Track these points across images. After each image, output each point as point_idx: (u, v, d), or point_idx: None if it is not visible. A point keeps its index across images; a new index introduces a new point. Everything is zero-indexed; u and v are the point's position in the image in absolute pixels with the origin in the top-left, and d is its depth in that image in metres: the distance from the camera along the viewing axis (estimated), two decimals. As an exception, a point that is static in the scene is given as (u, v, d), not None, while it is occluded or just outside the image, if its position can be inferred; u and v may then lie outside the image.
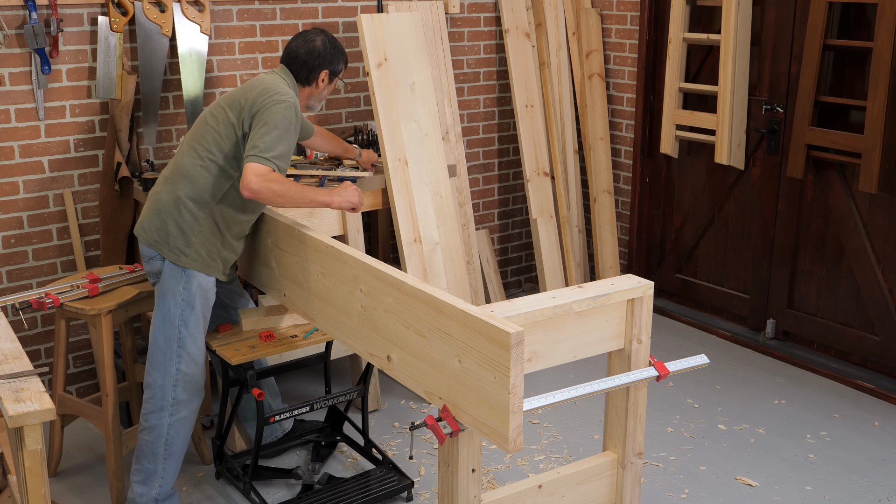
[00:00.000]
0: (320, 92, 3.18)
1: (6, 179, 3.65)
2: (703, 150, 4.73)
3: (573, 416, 3.90)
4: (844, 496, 3.31)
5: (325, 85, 3.18)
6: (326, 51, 3.14)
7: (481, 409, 2.17)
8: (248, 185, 2.79)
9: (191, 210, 2.96)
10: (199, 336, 3.03)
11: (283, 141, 2.88)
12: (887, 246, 4.01)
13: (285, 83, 3.06)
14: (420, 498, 3.30)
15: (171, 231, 2.96)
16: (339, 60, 3.19)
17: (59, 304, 3.10)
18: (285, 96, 2.93)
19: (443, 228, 4.04)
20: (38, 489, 2.14)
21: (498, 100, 5.00)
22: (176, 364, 2.99)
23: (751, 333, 4.65)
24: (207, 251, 2.99)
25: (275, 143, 2.85)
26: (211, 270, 3.02)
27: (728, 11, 4.28)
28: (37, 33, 3.52)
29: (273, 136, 2.86)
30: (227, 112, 2.97)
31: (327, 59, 3.15)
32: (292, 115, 2.93)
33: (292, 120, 2.93)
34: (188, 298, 2.97)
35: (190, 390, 3.03)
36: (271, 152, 2.83)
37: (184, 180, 2.96)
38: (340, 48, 3.19)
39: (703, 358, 2.63)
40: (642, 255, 5.13)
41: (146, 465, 3.03)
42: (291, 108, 2.93)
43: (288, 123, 2.90)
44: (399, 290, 2.39)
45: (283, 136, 2.88)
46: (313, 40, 3.13)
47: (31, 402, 2.12)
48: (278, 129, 2.87)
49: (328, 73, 3.17)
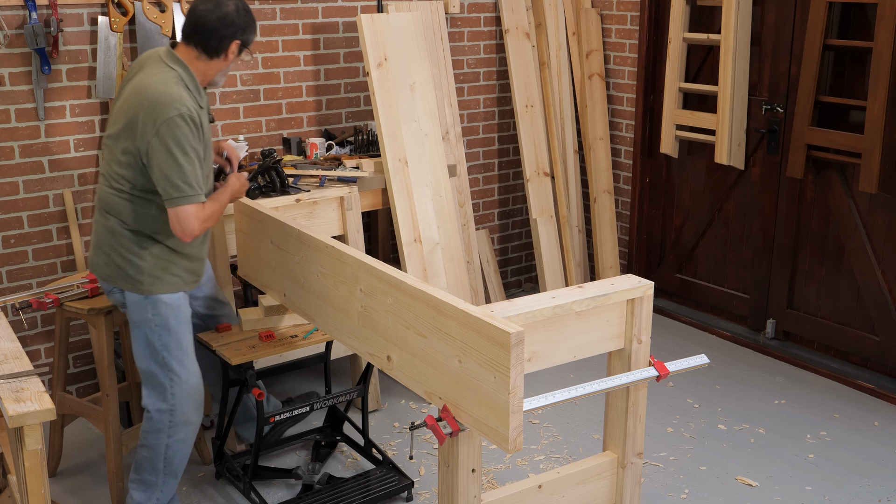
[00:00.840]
0: (228, 65, 2.86)
1: (6, 179, 3.65)
2: (703, 150, 4.73)
3: (573, 416, 3.90)
4: (844, 496, 3.31)
5: (234, 57, 2.85)
6: (240, 18, 2.80)
7: (481, 409, 2.17)
8: (185, 233, 2.69)
9: (128, 238, 2.82)
10: (185, 355, 2.91)
11: (190, 162, 2.68)
12: (887, 246, 4.01)
13: (173, 78, 2.73)
14: (420, 498, 3.30)
15: (119, 263, 2.82)
16: (251, 30, 2.86)
17: (59, 304, 3.10)
18: (172, 108, 2.64)
19: (443, 228, 4.04)
20: (38, 489, 2.14)
21: (498, 100, 5.00)
22: (169, 389, 2.89)
23: (751, 333, 4.65)
24: (163, 270, 2.85)
25: (185, 171, 2.66)
26: (173, 287, 2.88)
27: (728, 11, 4.28)
28: (37, 33, 3.51)
29: (181, 166, 2.66)
30: (122, 140, 2.73)
31: (240, 28, 2.81)
32: (187, 128, 2.67)
33: (190, 132, 2.68)
34: (161, 323, 2.85)
35: (188, 412, 2.94)
36: (188, 185, 2.66)
37: (109, 210, 2.82)
38: (252, 16, 2.87)
39: (703, 358, 2.63)
40: (642, 255, 5.13)
41: (147, 477, 2.98)
42: (185, 121, 2.66)
43: (187, 140, 2.67)
44: (399, 290, 2.39)
45: (186, 160, 2.67)
46: (225, 4, 2.78)
47: (31, 402, 2.12)
48: (180, 153, 2.65)
49: (239, 45, 2.84)
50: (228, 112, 4.11)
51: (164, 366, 2.87)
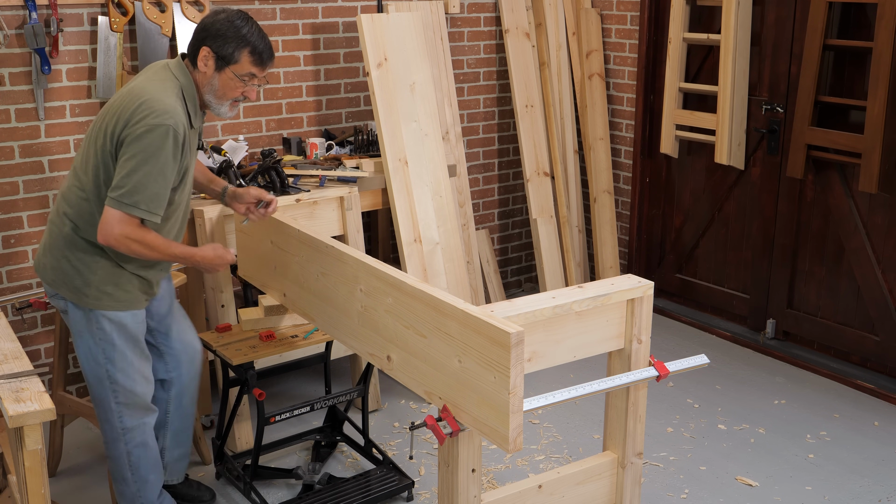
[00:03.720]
0: (209, 80, 2.59)
1: (6, 179, 3.65)
2: (703, 150, 4.73)
3: (573, 416, 3.90)
4: (844, 496, 3.31)
5: (210, 71, 2.57)
6: (219, 25, 2.55)
7: (481, 408, 2.17)
8: (102, 234, 2.48)
9: (82, 248, 2.63)
10: (129, 365, 2.73)
11: (155, 179, 2.44)
12: (887, 246, 4.01)
13: (173, 88, 2.56)
14: (420, 498, 3.30)
15: (66, 270, 2.64)
16: (232, 43, 2.53)
17: (59, 304, 3.10)
18: (161, 116, 2.45)
19: (443, 228, 4.04)
20: (38, 489, 2.14)
21: (498, 100, 5.00)
22: (113, 399, 2.75)
23: (751, 333, 4.65)
24: (114, 285, 2.65)
25: (143, 183, 2.43)
26: (121, 305, 2.68)
27: (728, 11, 4.28)
28: (37, 33, 3.51)
29: (141, 174, 2.43)
30: (104, 137, 2.54)
31: (210, 35, 2.54)
32: (169, 142, 2.45)
33: (169, 148, 2.46)
34: (105, 338, 2.68)
35: (135, 416, 2.80)
36: (136, 195, 2.44)
37: (70, 211, 2.63)
38: (244, 33, 2.55)
39: (703, 358, 2.63)
40: (642, 255, 5.13)
41: (121, 488, 2.90)
42: (168, 134, 2.45)
43: (162, 153, 2.45)
44: (399, 290, 2.39)
45: (156, 172, 2.44)
46: (219, 13, 2.60)
47: (31, 402, 2.12)
48: (148, 163, 2.43)
49: (211, 54, 2.55)
50: (228, 112, 4.11)
51: (107, 378, 2.72)
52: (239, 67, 2.59)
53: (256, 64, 2.61)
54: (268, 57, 2.64)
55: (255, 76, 2.62)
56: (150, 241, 2.55)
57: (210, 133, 4.08)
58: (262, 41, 2.61)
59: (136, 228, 2.51)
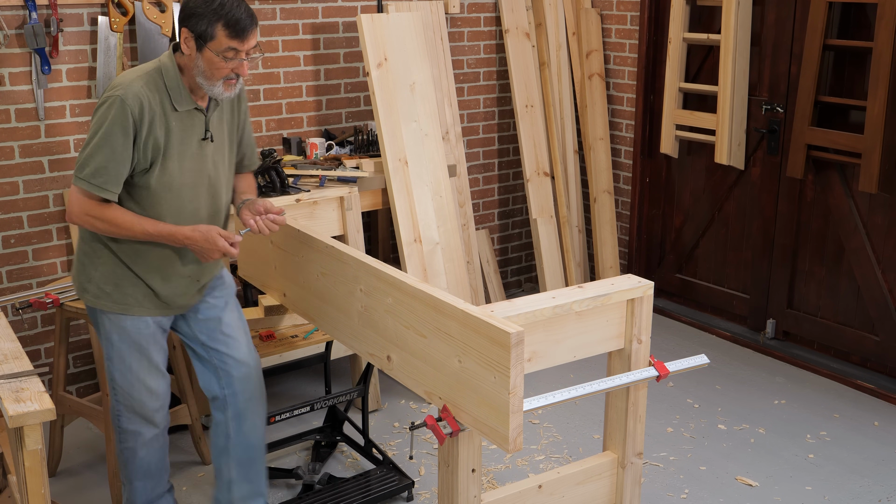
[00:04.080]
0: (194, 62, 2.45)
1: (6, 179, 3.65)
2: (703, 150, 4.73)
3: (573, 416, 3.90)
4: (844, 496, 3.31)
5: (192, 52, 2.43)
6: (193, 2, 2.41)
7: (481, 408, 2.17)
8: (67, 212, 2.47)
9: (89, 242, 2.59)
10: (128, 371, 2.65)
11: (99, 150, 2.37)
12: (887, 246, 4.01)
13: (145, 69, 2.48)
14: (420, 498, 3.30)
15: (77, 263, 2.65)
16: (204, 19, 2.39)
17: (59, 304, 3.10)
18: (111, 90, 2.40)
19: (443, 228, 4.04)
20: (38, 489, 2.14)
21: (498, 100, 5.00)
22: (113, 396, 2.72)
23: (751, 333, 4.65)
24: (114, 286, 2.58)
25: (90, 155, 2.38)
26: (121, 308, 2.59)
27: (728, 11, 4.28)
28: (37, 33, 3.52)
29: (91, 148, 2.38)
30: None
31: (187, 14, 2.41)
32: (113, 112, 2.37)
33: (113, 119, 2.37)
34: (104, 334, 2.64)
35: (132, 421, 2.72)
36: (85, 168, 2.39)
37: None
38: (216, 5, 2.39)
39: (703, 358, 2.63)
40: (642, 255, 5.13)
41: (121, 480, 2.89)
42: (114, 104, 2.37)
43: (106, 124, 2.37)
44: (399, 290, 2.39)
45: (101, 143, 2.37)
46: None
47: (31, 402, 2.12)
48: (96, 136, 2.38)
49: (190, 35, 2.42)
50: (228, 112, 4.11)
51: (108, 373, 2.70)
52: (216, 44, 2.41)
53: (233, 37, 2.40)
54: (245, 27, 2.41)
55: (236, 50, 2.42)
56: (112, 218, 2.44)
57: (210, 133, 4.08)
58: (237, 11, 2.40)
59: (95, 205, 2.42)
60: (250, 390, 2.82)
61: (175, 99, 2.49)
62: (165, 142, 2.48)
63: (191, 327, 2.77)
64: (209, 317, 2.77)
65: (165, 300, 2.64)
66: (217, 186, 2.65)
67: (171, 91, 2.48)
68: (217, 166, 2.63)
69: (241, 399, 2.80)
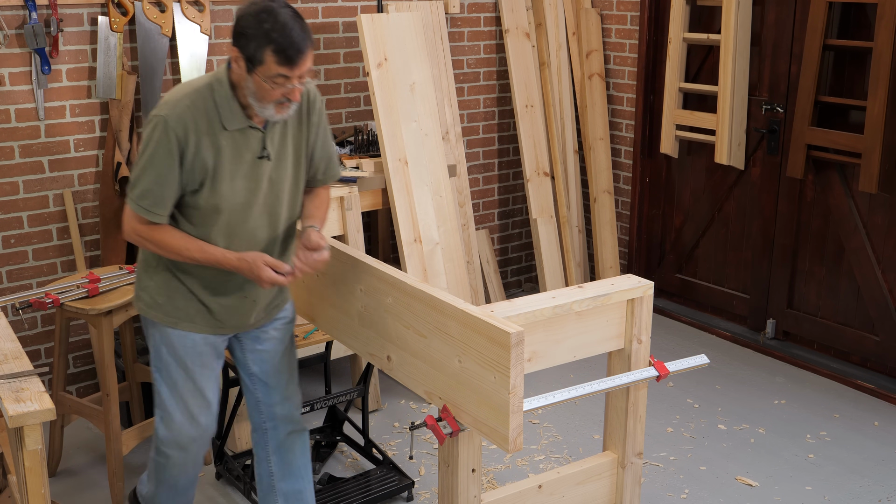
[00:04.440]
0: (244, 81, 2.30)
1: (6, 179, 3.65)
2: (703, 150, 4.73)
3: (573, 416, 3.90)
4: (844, 496, 3.31)
5: (243, 73, 2.28)
6: (244, 20, 2.25)
7: (481, 408, 2.17)
8: (123, 230, 2.41)
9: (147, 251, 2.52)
10: (174, 387, 2.54)
11: (146, 172, 2.31)
12: (887, 246, 4.01)
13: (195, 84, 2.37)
14: (420, 498, 3.30)
15: (137, 269, 2.58)
16: (253, 42, 2.23)
17: (59, 304, 3.10)
18: (156, 109, 2.33)
19: (443, 228, 4.04)
20: (38, 489, 2.14)
21: (498, 100, 5.00)
22: (157, 408, 2.60)
23: (751, 333, 4.65)
24: (168, 298, 2.49)
25: (139, 176, 2.33)
26: (170, 320, 2.50)
27: (728, 11, 4.28)
28: (37, 33, 3.52)
29: (139, 169, 2.33)
30: None
31: (237, 32, 2.27)
32: (156, 134, 2.29)
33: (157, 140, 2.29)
34: (155, 347, 2.55)
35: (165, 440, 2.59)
36: (133, 190, 2.34)
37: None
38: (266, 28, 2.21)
39: (703, 358, 2.63)
40: (642, 255, 5.13)
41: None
42: (157, 125, 2.29)
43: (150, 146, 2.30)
44: (399, 290, 2.39)
45: (147, 165, 2.31)
46: (252, 4, 2.28)
47: (31, 402, 2.12)
48: (142, 157, 2.33)
49: (239, 55, 2.27)
50: (228, 112, 4.11)
51: (155, 384, 2.59)
52: (265, 69, 2.24)
53: (283, 64, 2.23)
54: (295, 54, 2.23)
55: (286, 77, 2.26)
56: (161, 240, 2.37)
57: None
58: (288, 35, 2.22)
59: (144, 225, 2.36)
60: (291, 427, 2.73)
61: (225, 118, 2.34)
62: (215, 162, 2.34)
63: (244, 354, 2.66)
64: (266, 349, 2.66)
65: (218, 317, 2.52)
66: (276, 206, 2.48)
67: (221, 109, 2.33)
68: (276, 185, 2.45)
69: (281, 433, 2.72)
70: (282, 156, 2.45)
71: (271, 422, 2.70)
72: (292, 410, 2.72)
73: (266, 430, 2.71)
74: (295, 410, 2.74)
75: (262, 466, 2.75)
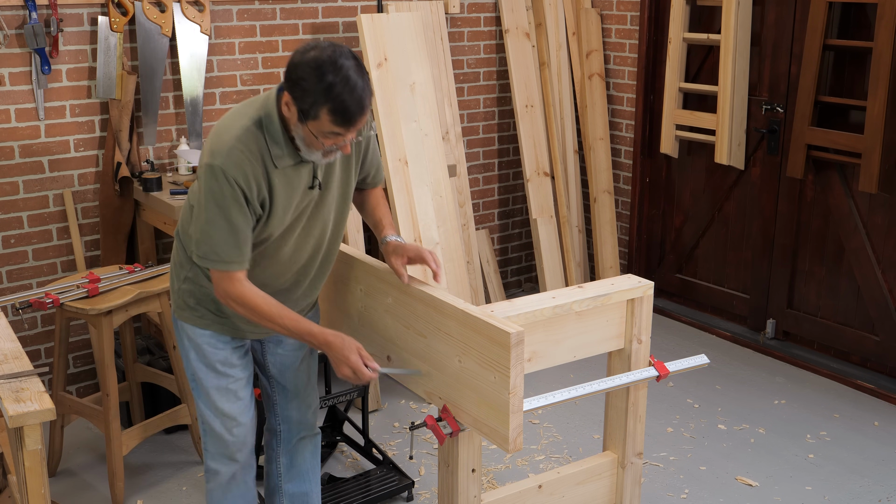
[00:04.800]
0: (294, 125, 2.19)
1: (6, 179, 3.65)
2: (703, 150, 4.73)
3: (573, 416, 3.90)
4: (844, 496, 3.31)
5: (293, 118, 2.17)
6: (301, 69, 2.11)
7: (481, 408, 2.17)
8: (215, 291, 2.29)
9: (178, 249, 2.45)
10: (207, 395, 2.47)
11: (215, 225, 2.18)
12: (887, 246, 4.01)
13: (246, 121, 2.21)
14: (420, 498, 3.30)
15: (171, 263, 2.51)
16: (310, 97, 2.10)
17: (59, 304, 3.10)
18: (213, 156, 2.17)
19: (443, 228, 4.04)
20: (38, 489, 2.14)
21: (498, 100, 5.00)
22: (201, 424, 2.52)
23: (751, 333, 4.65)
24: (195, 300, 2.41)
25: (206, 232, 2.20)
26: (198, 322, 2.43)
27: (728, 11, 4.28)
28: (37, 33, 3.52)
29: (202, 222, 2.20)
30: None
31: (293, 80, 2.13)
32: (217, 184, 2.16)
33: (220, 191, 2.16)
34: (185, 352, 2.49)
35: (214, 458, 2.53)
36: (203, 246, 2.22)
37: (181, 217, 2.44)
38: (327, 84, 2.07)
39: (703, 358, 2.63)
40: (642, 255, 5.13)
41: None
42: (217, 176, 2.15)
43: (213, 197, 2.17)
44: (399, 290, 2.39)
45: (215, 219, 2.18)
46: (309, 49, 2.13)
47: (31, 402, 2.12)
48: (206, 209, 2.18)
49: (292, 103, 2.14)
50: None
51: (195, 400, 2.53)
52: (319, 125, 2.13)
53: (339, 124, 2.12)
54: (354, 115, 2.12)
55: (340, 135, 2.16)
56: (251, 303, 2.25)
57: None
58: (349, 95, 2.09)
59: (232, 284, 2.23)
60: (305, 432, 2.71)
61: (276, 156, 2.22)
62: (270, 200, 2.25)
63: (265, 357, 2.61)
64: (286, 353, 2.62)
65: (237, 326, 2.46)
66: (324, 229, 2.42)
67: (272, 148, 2.21)
68: (322, 208, 2.39)
69: (294, 436, 2.70)
70: (330, 180, 2.37)
71: (285, 424, 2.69)
72: (307, 415, 2.71)
73: (279, 431, 2.70)
74: (310, 416, 2.72)
75: (270, 465, 2.75)
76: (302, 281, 2.46)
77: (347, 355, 2.27)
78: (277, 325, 2.28)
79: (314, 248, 2.43)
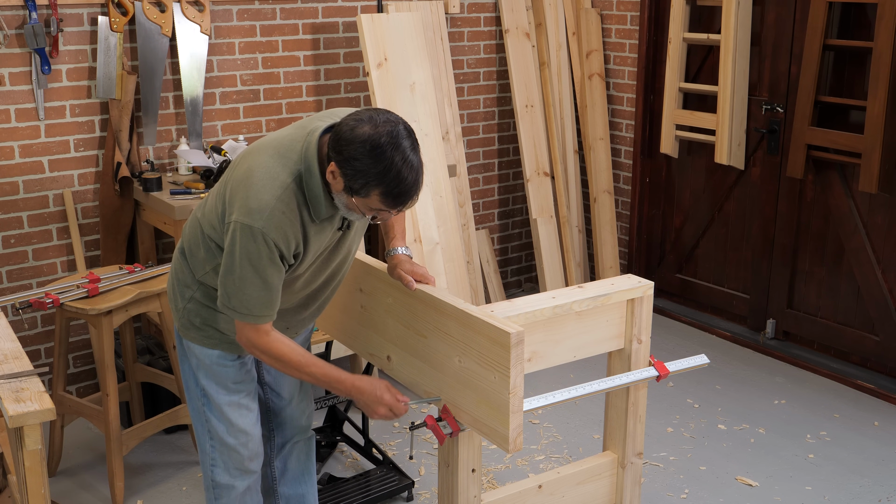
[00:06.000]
0: (336, 192, 2.13)
1: (6, 179, 3.65)
2: (703, 150, 4.73)
3: (573, 416, 3.90)
4: (844, 496, 3.31)
5: (338, 187, 2.10)
6: (353, 148, 2.02)
7: (481, 409, 2.17)
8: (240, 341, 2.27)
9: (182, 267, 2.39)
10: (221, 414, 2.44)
11: (250, 283, 2.14)
12: (887, 246, 4.01)
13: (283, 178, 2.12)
14: (420, 498, 3.30)
15: (170, 285, 2.45)
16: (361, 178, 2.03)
17: (59, 304, 3.10)
18: (250, 216, 2.09)
19: (443, 228, 4.04)
20: (38, 489, 2.14)
21: (498, 100, 5.00)
22: (210, 445, 2.49)
23: (751, 333, 4.65)
24: (202, 320, 2.37)
25: (238, 286, 2.15)
26: (203, 342, 2.39)
27: (728, 11, 4.28)
28: (37, 33, 3.52)
29: (235, 277, 2.15)
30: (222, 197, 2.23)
31: (344, 157, 2.04)
32: (254, 246, 2.10)
33: (257, 252, 2.11)
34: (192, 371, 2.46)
35: (229, 472, 2.50)
36: (233, 299, 2.17)
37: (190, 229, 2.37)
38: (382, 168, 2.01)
39: (703, 358, 2.63)
40: (642, 255, 5.13)
41: None
42: (255, 238, 2.09)
43: (248, 257, 2.11)
44: (399, 290, 2.39)
45: (250, 276, 2.13)
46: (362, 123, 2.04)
47: (31, 402, 2.12)
48: (238, 265, 2.13)
49: (339, 174, 2.07)
50: (228, 112, 4.11)
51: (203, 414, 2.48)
52: (366, 202, 2.09)
53: (389, 206, 2.09)
54: (407, 200, 2.09)
55: (387, 211, 2.13)
56: (278, 353, 2.24)
57: (210, 133, 4.08)
58: (404, 180, 2.04)
59: (258, 335, 2.21)
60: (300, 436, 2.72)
61: (315, 212, 2.17)
62: (304, 251, 2.23)
63: (260, 364, 2.59)
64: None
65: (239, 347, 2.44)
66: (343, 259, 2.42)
67: (311, 204, 2.16)
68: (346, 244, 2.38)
69: (288, 439, 2.71)
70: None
71: (279, 429, 2.70)
72: (301, 421, 2.71)
73: (273, 436, 2.70)
74: (304, 420, 2.73)
75: (265, 468, 2.74)
76: (312, 304, 2.46)
77: (381, 395, 2.29)
78: (304, 374, 2.30)
79: (330, 276, 2.43)
